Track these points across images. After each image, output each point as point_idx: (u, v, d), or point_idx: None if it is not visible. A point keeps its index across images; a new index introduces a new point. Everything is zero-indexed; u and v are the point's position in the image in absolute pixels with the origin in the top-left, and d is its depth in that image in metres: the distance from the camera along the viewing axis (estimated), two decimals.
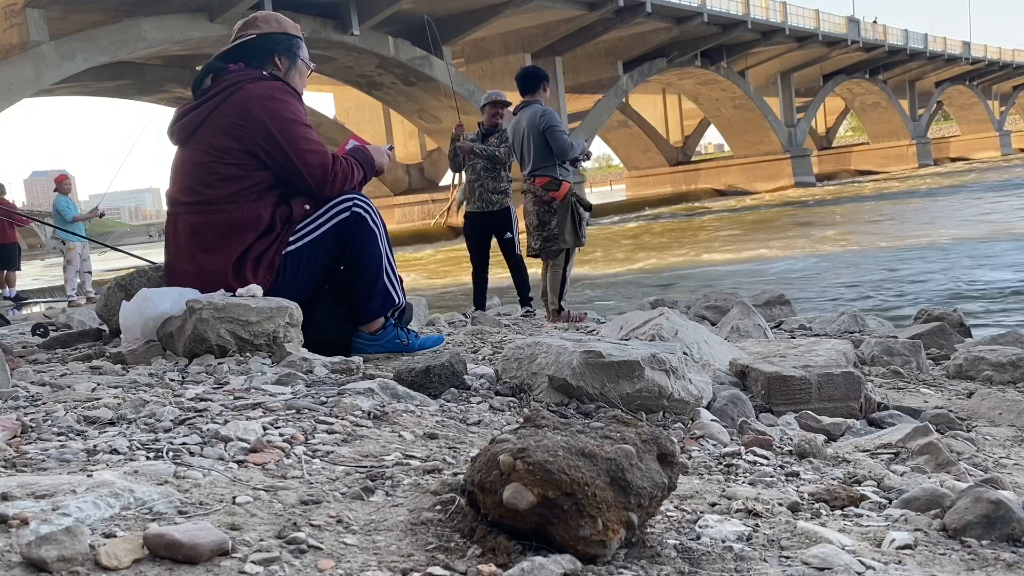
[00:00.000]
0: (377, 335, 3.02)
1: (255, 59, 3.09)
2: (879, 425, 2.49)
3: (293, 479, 1.42)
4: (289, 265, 2.91)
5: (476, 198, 6.95)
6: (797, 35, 47.12)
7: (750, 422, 2.27)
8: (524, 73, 6.40)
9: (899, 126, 65.31)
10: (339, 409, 1.88)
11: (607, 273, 18.09)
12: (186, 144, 3.01)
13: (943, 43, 63.75)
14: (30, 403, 1.93)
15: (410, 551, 1.17)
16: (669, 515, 1.42)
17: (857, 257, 16.70)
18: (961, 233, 18.85)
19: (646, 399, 2.19)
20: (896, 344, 3.79)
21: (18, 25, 21.99)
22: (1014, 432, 2.60)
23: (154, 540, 1.05)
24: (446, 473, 1.51)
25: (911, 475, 1.90)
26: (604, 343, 2.38)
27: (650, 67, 41.94)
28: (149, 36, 24.43)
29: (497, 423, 2.01)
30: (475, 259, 7.17)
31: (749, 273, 15.98)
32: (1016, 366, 3.46)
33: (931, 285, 12.45)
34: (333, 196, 2.95)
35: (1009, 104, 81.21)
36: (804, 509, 1.53)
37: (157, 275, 3.19)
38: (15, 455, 1.47)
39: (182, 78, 29.87)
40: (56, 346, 3.28)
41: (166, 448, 1.52)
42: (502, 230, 6.94)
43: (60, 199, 12.71)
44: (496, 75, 34.48)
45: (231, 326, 2.56)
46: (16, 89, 22.38)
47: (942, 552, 1.34)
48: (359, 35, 28.49)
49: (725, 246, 21.69)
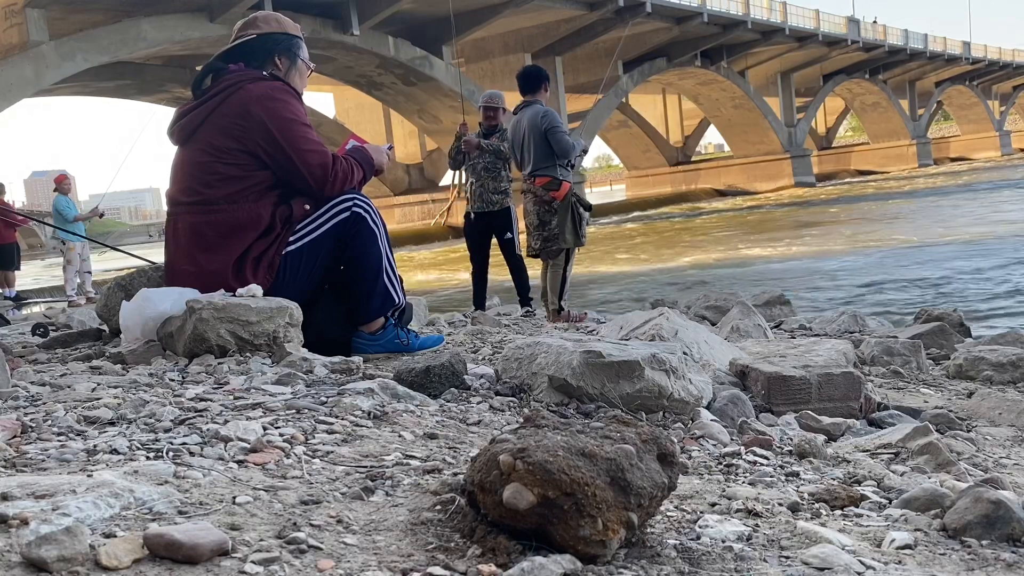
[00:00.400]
0: (377, 335, 3.02)
1: (255, 59, 3.09)
2: (879, 425, 2.49)
3: (293, 479, 1.42)
4: (289, 265, 2.91)
5: (476, 198, 6.95)
6: (797, 35, 47.13)
7: (750, 422, 2.27)
8: (525, 73, 6.40)
9: (899, 126, 65.31)
10: (339, 409, 1.88)
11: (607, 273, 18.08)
12: (186, 144, 3.01)
13: (943, 43, 63.76)
14: (30, 403, 1.93)
15: (410, 551, 1.17)
16: (669, 515, 1.42)
17: (858, 257, 16.70)
18: (962, 233, 18.85)
19: (646, 399, 2.19)
20: (896, 344, 3.79)
21: (18, 25, 22.00)
22: (1014, 432, 2.60)
23: (154, 540, 1.05)
24: (446, 473, 1.51)
25: (911, 475, 1.90)
26: (604, 343, 2.38)
27: (650, 67, 41.95)
28: (149, 36, 24.43)
29: (497, 423, 2.01)
30: (475, 259, 7.17)
31: (749, 273, 15.98)
32: (1016, 366, 3.46)
33: (931, 285, 12.45)
34: (333, 196, 2.95)
35: (1009, 104, 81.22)
36: (804, 509, 1.53)
37: (157, 275, 3.19)
38: (15, 455, 1.47)
39: (182, 78, 29.87)
40: (56, 346, 3.28)
41: (166, 448, 1.52)
42: (502, 230, 6.94)
43: (60, 199, 12.72)
44: (496, 75, 34.47)
45: (231, 326, 2.57)
46: (16, 89, 22.38)
47: (942, 552, 1.34)
48: (359, 35, 28.49)
49: (726, 246, 21.68)
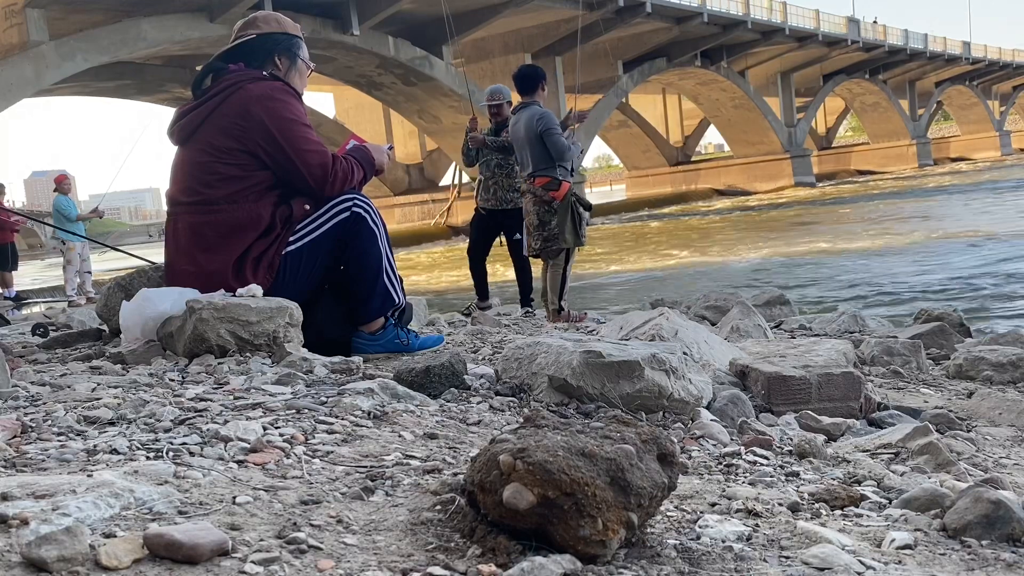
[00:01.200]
0: (377, 335, 3.02)
1: (255, 59, 3.09)
2: (879, 425, 2.49)
3: (293, 479, 1.42)
4: (289, 265, 2.91)
5: (491, 195, 6.95)
6: (797, 35, 47.12)
7: (750, 422, 2.27)
8: (521, 74, 6.38)
9: (899, 126, 65.31)
10: (339, 409, 1.88)
11: (608, 273, 18.08)
12: (186, 144, 3.01)
13: (943, 43, 63.75)
14: (30, 403, 1.93)
15: (410, 551, 1.17)
16: (669, 515, 1.42)
17: (858, 257, 16.70)
18: (961, 233, 18.85)
19: (646, 399, 2.19)
20: (896, 344, 3.79)
21: (18, 25, 21.99)
22: (1014, 432, 2.60)
23: (154, 540, 1.05)
24: (446, 473, 1.51)
25: (911, 475, 1.90)
26: (604, 343, 2.38)
27: (650, 67, 41.95)
28: (149, 36, 24.43)
29: (497, 423, 2.01)
30: (476, 254, 7.18)
31: (749, 273, 15.97)
32: (1016, 366, 3.46)
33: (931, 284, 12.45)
34: (333, 196, 2.95)
35: (1009, 104, 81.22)
36: (804, 509, 1.53)
37: (157, 275, 3.19)
38: (15, 455, 1.47)
39: (182, 78, 29.87)
40: (56, 346, 3.28)
41: (166, 448, 1.52)
42: (512, 230, 6.95)
43: (60, 199, 12.72)
44: (496, 75, 34.42)
45: (231, 326, 2.57)
46: (16, 89, 22.38)
47: (942, 552, 1.34)
48: (359, 35, 28.48)
49: (726, 246, 21.68)
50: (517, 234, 6.92)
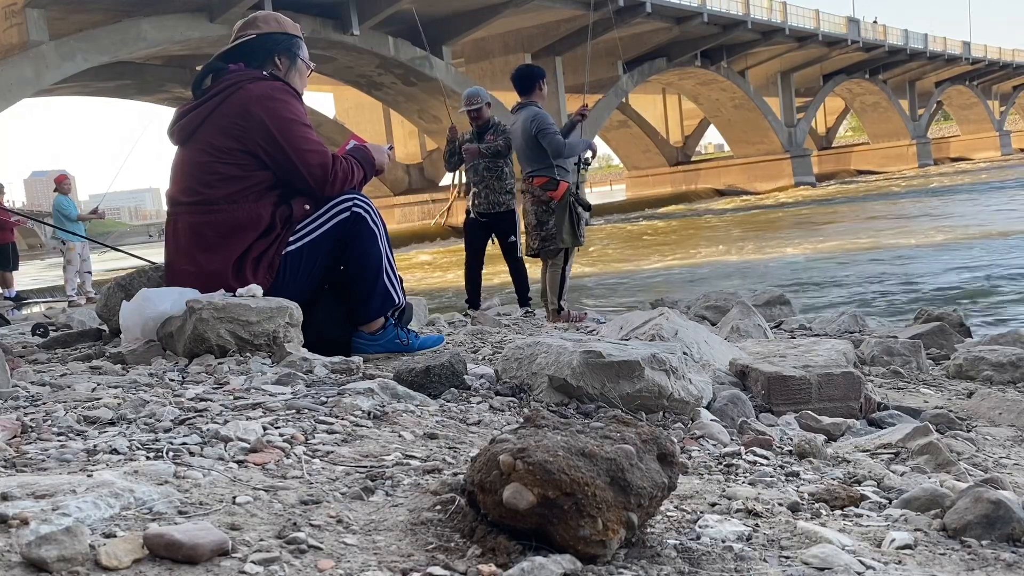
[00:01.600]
0: (377, 335, 3.02)
1: (255, 59, 3.09)
2: (879, 425, 2.49)
3: (293, 479, 1.42)
4: (289, 265, 2.91)
5: (482, 200, 6.87)
6: (797, 35, 47.13)
7: (750, 422, 2.27)
8: (519, 74, 6.36)
9: (899, 126, 65.31)
10: (339, 409, 1.88)
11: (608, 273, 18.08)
12: (186, 144, 3.01)
13: (943, 43, 63.76)
14: (30, 403, 1.93)
15: (410, 551, 1.17)
16: (669, 515, 1.42)
17: (859, 257, 16.70)
18: (962, 232, 18.85)
19: (646, 399, 2.19)
20: (896, 344, 3.79)
21: (18, 25, 22.00)
22: (1014, 432, 2.60)
23: (154, 540, 1.05)
24: (446, 473, 1.51)
25: (911, 475, 1.90)
26: (604, 343, 2.38)
27: (650, 67, 41.95)
28: (149, 36, 24.43)
29: (497, 423, 2.01)
30: (471, 259, 7.15)
31: (750, 272, 15.97)
32: (1016, 366, 3.46)
33: (931, 284, 12.45)
34: (333, 196, 2.95)
35: (1009, 104, 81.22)
36: (804, 509, 1.53)
37: (157, 275, 3.19)
38: (15, 455, 1.47)
39: (182, 78, 29.87)
40: (56, 346, 3.29)
41: (166, 448, 1.52)
42: (506, 233, 6.88)
43: (60, 199, 12.72)
44: (496, 75, 34.46)
45: (231, 326, 2.57)
46: (16, 89, 22.38)
47: (942, 552, 1.34)
48: (359, 35, 28.48)
49: (726, 246, 21.68)
50: (511, 237, 6.88)
